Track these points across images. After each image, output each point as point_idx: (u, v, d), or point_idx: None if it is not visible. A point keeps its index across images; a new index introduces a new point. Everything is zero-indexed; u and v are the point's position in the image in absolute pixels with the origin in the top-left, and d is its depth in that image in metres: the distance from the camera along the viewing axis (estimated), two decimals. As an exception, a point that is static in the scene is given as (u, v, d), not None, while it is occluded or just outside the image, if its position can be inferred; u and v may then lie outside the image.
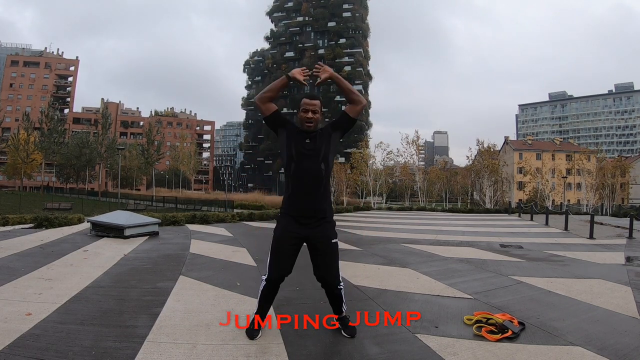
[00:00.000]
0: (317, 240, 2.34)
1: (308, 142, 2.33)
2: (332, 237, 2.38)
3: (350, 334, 2.42)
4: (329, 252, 2.36)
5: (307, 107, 2.34)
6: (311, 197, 2.31)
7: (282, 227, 2.36)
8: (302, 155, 2.31)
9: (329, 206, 2.41)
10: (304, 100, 2.37)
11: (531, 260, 5.36)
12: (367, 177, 35.70)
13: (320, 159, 2.32)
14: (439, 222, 14.11)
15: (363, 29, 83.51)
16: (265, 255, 2.40)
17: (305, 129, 2.35)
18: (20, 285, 3.43)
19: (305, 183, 2.30)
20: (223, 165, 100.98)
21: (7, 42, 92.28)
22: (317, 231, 2.33)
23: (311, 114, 2.33)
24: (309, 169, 2.30)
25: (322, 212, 2.35)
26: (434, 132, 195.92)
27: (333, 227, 2.42)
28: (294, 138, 2.34)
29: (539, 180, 40.90)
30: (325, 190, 2.37)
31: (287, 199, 2.37)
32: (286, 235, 2.34)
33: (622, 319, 2.84)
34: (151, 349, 2.17)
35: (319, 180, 2.31)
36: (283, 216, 2.39)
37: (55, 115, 55.37)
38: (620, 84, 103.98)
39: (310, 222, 2.32)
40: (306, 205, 2.31)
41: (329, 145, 2.36)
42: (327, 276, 2.39)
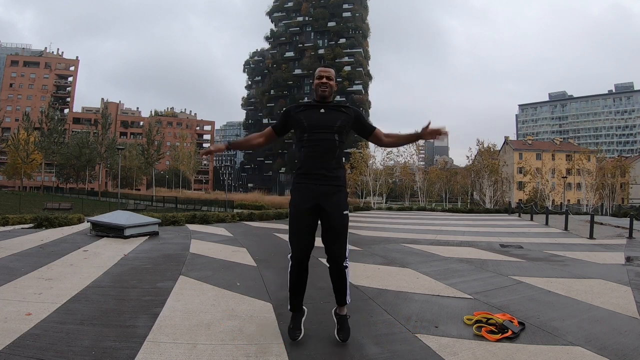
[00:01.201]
0: (329, 209, 2.28)
1: (323, 112, 2.34)
2: (344, 208, 2.34)
3: (343, 339, 2.32)
4: (339, 222, 2.30)
5: (321, 74, 2.40)
6: (324, 164, 2.29)
7: (296, 198, 2.34)
8: (315, 125, 2.31)
9: (342, 175, 2.38)
10: (319, 68, 2.45)
11: (531, 260, 5.36)
12: (367, 177, 35.72)
13: (334, 130, 2.31)
14: (439, 222, 14.11)
15: (363, 29, 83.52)
16: (264, 254, 2.41)
17: (319, 93, 2.38)
18: (20, 285, 3.43)
19: (318, 151, 2.29)
20: (223, 165, 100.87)
21: (7, 42, 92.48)
22: (330, 199, 2.29)
23: (325, 79, 2.37)
24: (322, 138, 2.29)
25: (336, 180, 2.32)
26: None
27: (345, 197, 2.39)
28: (306, 112, 2.36)
29: (539, 180, 40.92)
30: (338, 159, 2.35)
31: (300, 167, 2.35)
32: (301, 206, 2.30)
33: (622, 319, 2.84)
34: (151, 349, 2.17)
35: (332, 150, 2.30)
36: (295, 188, 2.36)
37: (55, 115, 55.38)
38: (620, 84, 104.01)
39: (323, 187, 2.28)
40: (319, 171, 2.29)
41: (344, 124, 2.36)
42: (334, 248, 2.30)
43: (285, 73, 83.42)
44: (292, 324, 2.37)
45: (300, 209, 2.31)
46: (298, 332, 2.33)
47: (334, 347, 2.30)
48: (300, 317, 2.39)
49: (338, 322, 2.40)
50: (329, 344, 2.34)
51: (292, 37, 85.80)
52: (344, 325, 2.37)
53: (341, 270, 2.33)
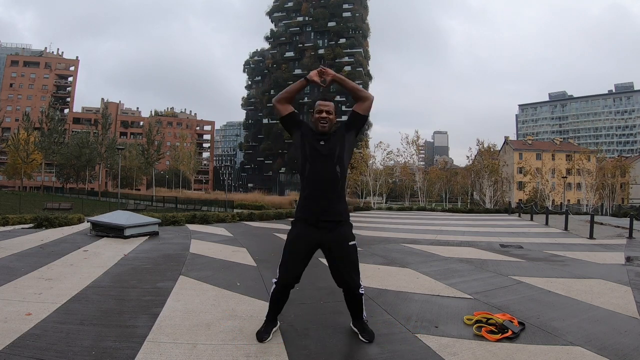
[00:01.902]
0: (333, 244, 2.31)
1: (322, 144, 2.33)
2: (350, 239, 2.36)
3: (368, 339, 2.35)
4: (347, 254, 2.33)
5: (321, 108, 2.38)
6: (326, 200, 2.29)
7: (296, 232, 2.36)
8: (316, 157, 2.31)
9: (344, 208, 2.39)
10: (318, 101, 2.42)
11: (531, 260, 5.36)
12: (367, 177, 35.71)
13: (335, 161, 2.31)
14: (439, 222, 14.11)
15: (363, 29, 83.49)
16: (264, 254, 2.41)
17: (319, 129, 2.36)
18: (20, 285, 3.43)
19: (320, 185, 2.30)
20: (223, 165, 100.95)
21: (7, 42, 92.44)
22: (333, 234, 2.31)
23: (325, 114, 2.36)
24: (324, 171, 2.30)
25: (338, 215, 2.33)
26: (434, 132, 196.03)
27: (350, 228, 2.40)
28: (308, 139, 2.35)
29: (539, 180, 40.91)
30: (340, 191, 2.37)
31: (302, 201, 2.36)
32: (301, 241, 2.32)
33: (622, 319, 2.84)
34: (151, 349, 2.17)
35: (334, 183, 2.31)
36: (298, 220, 2.37)
37: (56, 115, 55.31)
38: (620, 84, 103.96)
39: (326, 225, 2.29)
40: (321, 207, 2.29)
41: (344, 146, 2.36)
42: (348, 280, 2.32)
43: (285, 73, 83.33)
44: (263, 329, 2.40)
45: (299, 240, 2.33)
46: (266, 336, 2.36)
47: (334, 347, 2.30)
48: (272, 326, 2.43)
49: (359, 328, 2.43)
50: (329, 344, 2.34)
51: (292, 37, 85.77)
52: (366, 328, 2.42)
53: (357, 297, 2.38)
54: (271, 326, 2.42)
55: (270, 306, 2.43)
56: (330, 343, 2.35)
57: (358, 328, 2.44)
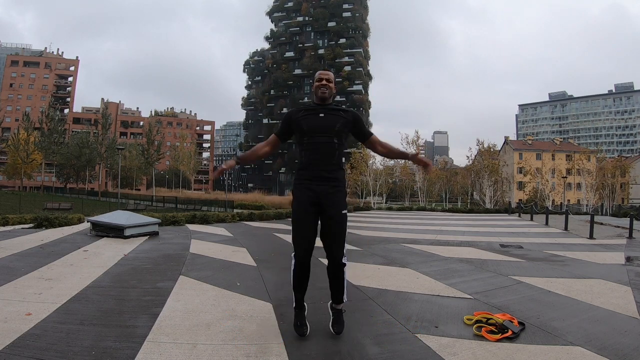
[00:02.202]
0: (328, 208, 2.36)
1: (322, 117, 2.40)
2: (343, 208, 2.42)
3: (337, 331, 2.40)
4: (338, 221, 2.38)
5: (321, 76, 2.47)
6: (324, 167, 2.37)
7: (296, 198, 2.42)
8: (315, 130, 2.38)
9: (341, 175, 2.46)
10: (319, 71, 2.52)
11: (531, 260, 5.36)
12: (367, 177, 35.72)
13: (333, 134, 2.38)
14: (439, 222, 14.11)
15: (363, 29, 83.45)
16: (264, 254, 2.41)
17: (319, 95, 2.44)
18: (20, 285, 3.43)
19: (318, 154, 2.37)
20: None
21: (7, 42, 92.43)
22: (329, 198, 2.36)
23: (325, 82, 2.44)
24: (322, 141, 2.37)
25: (335, 181, 2.40)
26: (434, 132, 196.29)
27: (344, 197, 2.48)
28: (306, 117, 2.41)
29: (539, 180, 40.91)
30: (338, 161, 2.43)
31: (300, 168, 2.44)
32: (302, 203, 2.38)
33: (622, 319, 2.84)
34: (151, 349, 2.17)
35: (331, 152, 2.38)
36: (297, 188, 2.43)
37: (56, 115, 55.30)
38: (620, 84, 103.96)
39: (322, 187, 2.36)
40: (319, 173, 2.37)
41: (343, 126, 2.42)
42: (333, 248, 2.37)
43: (285, 73, 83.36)
44: (298, 321, 2.43)
45: (303, 209, 2.38)
46: (305, 328, 2.40)
47: (334, 346, 2.30)
48: (304, 313, 2.47)
49: (333, 314, 2.48)
50: (329, 344, 2.34)
51: (292, 37, 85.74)
52: (339, 319, 2.45)
53: (340, 268, 2.40)
54: (303, 314, 2.45)
55: (295, 286, 2.42)
56: (330, 343, 2.35)
57: (332, 315, 2.47)
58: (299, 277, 2.41)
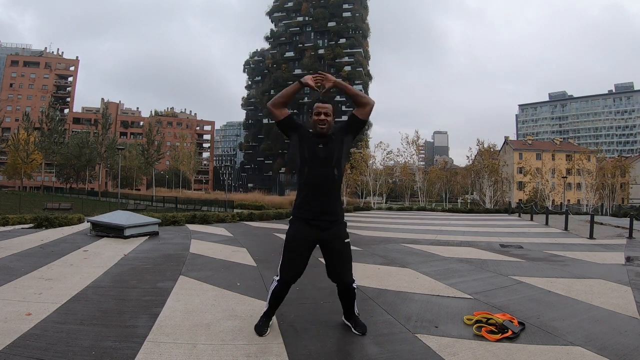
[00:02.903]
0: (330, 242, 2.40)
1: (321, 147, 2.38)
2: (345, 238, 2.46)
3: (362, 332, 2.46)
4: (343, 251, 2.42)
5: (319, 110, 2.42)
6: (323, 201, 2.38)
7: (294, 230, 2.42)
8: (315, 160, 2.37)
9: (340, 208, 2.49)
10: (317, 104, 2.46)
11: (531, 260, 5.36)
12: (367, 177, 35.69)
13: (332, 164, 2.38)
14: (439, 222, 14.11)
15: (363, 29, 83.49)
16: (264, 254, 2.42)
17: (318, 131, 2.42)
18: (20, 285, 3.43)
19: (318, 187, 2.37)
20: (223, 165, 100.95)
21: (7, 42, 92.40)
22: (329, 233, 2.40)
23: (323, 116, 2.40)
24: (322, 173, 2.36)
25: (334, 215, 2.42)
26: (434, 132, 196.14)
27: (344, 227, 2.50)
28: (307, 142, 2.40)
29: (539, 180, 40.88)
30: (337, 193, 2.45)
31: (300, 202, 2.43)
32: (299, 238, 2.39)
33: (622, 319, 2.84)
34: (151, 349, 2.17)
35: (331, 185, 2.39)
36: (295, 220, 2.44)
37: (56, 115, 55.25)
38: (620, 84, 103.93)
39: (323, 225, 2.38)
40: (318, 208, 2.37)
41: (342, 150, 2.43)
42: (342, 275, 2.42)
43: (285, 73, 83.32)
44: (262, 323, 2.48)
45: (298, 239, 2.39)
46: (266, 329, 2.45)
47: (334, 346, 2.30)
48: (269, 320, 2.51)
49: (352, 322, 2.53)
50: (329, 343, 2.34)
51: (292, 37, 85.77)
52: (359, 322, 2.52)
53: (351, 292, 2.45)
54: (269, 321, 2.50)
55: (271, 303, 2.48)
56: (330, 343, 2.35)
57: (351, 322, 2.53)
58: (278, 297, 2.45)
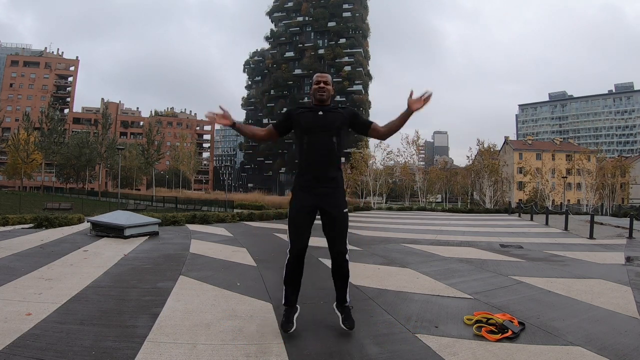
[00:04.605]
0: (329, 208, 2.43)
1: (321, 115, 2.45)
2: (343, 207, 2.48)
3: (349, 327, 2.44)
4: (341, 220, 2.45)
5: (319, 79, 2.52)
6: (323, 166, 2.43)
7: (296, 199, 2.47)
8: (314, 128, 2.43)
9: (340, 176, 2.51)
10: (316, 74, 2.58)
11: (531, 260, 5.36)
12: (367, 177, 35.69)
13: (332, 133, 2.43)
14: (439, 222, 14.11)
15: (363, 29, 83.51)
16: (264, 254, 2.42)
17: (318, 97, 2.49)
18: (20, 285, 3.43)
19: (317, 153, 2.41)
20: (223, 165, 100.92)
21: (7, 42, 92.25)
22: (329, 199, 2.43)
23: (323, 84, 2.49)
24: (321, 140, 2.42)
25: (334, 182, 2.46)
26: (434, 132, 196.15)
27: (344, 195, 2.54)
28: (306, 115, 2.47)
29: (539, 180, 40.90)
30: (336, 161, 2.49)
31: (300, 169, 2.50)
32: (301, 206, 2.44)
33: (622, 319, 2.84)
34: (151, 349, 2.17)
35: (331, 152, 2.43)
36: (296, 189, 2.49)
37: (55, 115, 55.28)
38: (620, 84, 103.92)
39: (323, 191, 2.41)
40: (318, 173, 2.42)
41: (342, 124, 2.48)
42: (337, 242, 2.44)
43: (285, 73, 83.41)
44: (285, 318, 2.45)
45: (301, 209, 2.44)
46: (290, 325, 2.41)
47: (334, 347, 2.30)
48: (293, 312, 2.48)
49: (342, 312, 2.51)
50: (329, 344, 2.34)
51: (292, 37, 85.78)
52: (349, 315, 2.50)
53: (343, 264, 2.47)
54: (292, 313, 2.47)
55: (287, 282, 2.47)
56: (330, 343, 2.35)
57: (341, 313, 2.50)
58: (292, 271, 2.47)
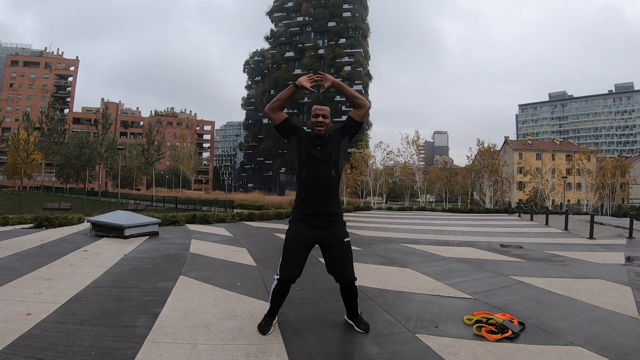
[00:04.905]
0: (329, 241, 2.43)
1: (319, 149, 2.42)
2: (344, 237, 2.49)
3: (365, 330, 2.49)
4: (343, 250, 2.45)
5: (317, 112, 2.45)
6: (322, 202, 2.41)
7: (294, 230, 2.45)
8: (313, 161, 2.40)
9: (338, 209, 2.53)
10: (315, 106, 2.52)
11: (531, 260, 5.36)
12: (367, 177, 35.68)
13: (330, 166, 2.41)
14: (439, 222, 14.11)
15: (363, 29, 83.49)
16: (264, 254, 2.42)
17: (316, 133, 2.45)
18: (20, 285, 3.43)
19: (316, 188, 2.40)
20: (223, 165, 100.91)
21: (7, 42, 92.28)
22: (328, 232, 2.43)
23: (321, 118, 2.43)
24: (320, 175, 2.39)
25: (333, 215, 2.46)
26: (434, 132, 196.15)
27: (344, 226, 2.53)
28: (305, 145, 2.43)
29: (539, 180, 40.88)
30: (335, 194, 2.48)
31: (299, 203, 2.46)
32: (298, 238, 2.42)
33: (622, 319, 2.84)
34: (151, 349, 2.17)
35: (329, 186, 2.42)
36: (295, 220, 2.47)
37: (55, 115, 55.24)
38: (620, 84, 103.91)
39: (322, 224, 2.41)
40: (317, 208, 2.41)
41: (339, 151, 2.45)
42: (342, 271, 2.45)
43: (285, 73, 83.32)
44: (264, 322, 2.50)
45: (297, 239, 2.42)
46: (268, 328, 2.46)
47: (334, 347, 2.30)
48: (273, 320, 2.53)
49: (354, 320, 2.56)
50: (329, 344, 2.34)
51: (292, 37, 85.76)
52: (362, 320, 2.55)
53: (352, 288, 2.49)
54: (272, 320, 2.52)
55: (272, 302, 2.50)
56: (330, 343, 2.35)
57: (354, 320, 2.56)
58: (280, 295, 2.48)
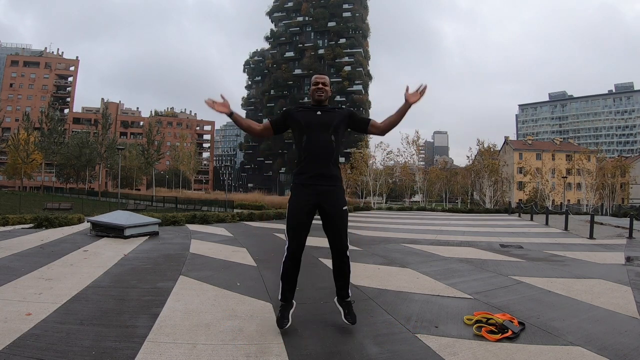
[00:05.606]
0: (328, 207, 2.46)
1: (319, 114, 2.50)
2: (343, 205, 2.51)
3: (351, 322, 2.48)
4: (340, 217, 2.48)
5: (317, 80, 2.58)
6: (322, 166, 2.45)
7: (295, 196, 2.49)
8: (313, 126, 2.47)
9: (338, 173, 2.55)
10: (314, 75, 2.63)
11: (531, 260, 5.36)
12: (367, 177, 35.71)
13: (330, 131, 2.47)
14: (439, 222, 14.11)
15: (363, 29, 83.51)
16: (264, 254, 2.42)
17: (316, 99, 2.55)
18: (20, 285, 3.43)
19: (317, 153, 2.45)
20: (223, 165, 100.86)
21: (7, 42, 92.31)
22: (329, 197, 2.46)
23: (321, 85, 2.55)
24: (320, 139, 2.45)
25: (333, 180, 2.49)
26: (434, 132, 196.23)
27: (343, 193, 2.57)
28: (304, 114, 2.51)
29: (539, 180, 40.91)
30: (336, 160, 2.52)
31: (300, 169, 2.51)
32: (300, 204, 2.46)
33: (622, 319, 2.83)
34: (151, 349, 2.16)
35: (329, 150, 2.47)
36: (295, 187, 2.51)
37: (55, 115, 55.28)
38: (620, 84, 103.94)
39: (321, 189, 2.44)
40: (317, 172, 2.45)
41: (340, 122, 2.52)
42: (337, 241, 2.48)
43: (285, 73, 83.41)
44: (280, 314, 2.47)
45: (299, 207, 2.46)
46: (286, 322, 2.44)
47: (334, 346, 2.30)
48: (289, 308, 2.50)
49: (344, 307, 2.54)
50: (329, 344, 2.34)
51: (292, 37, 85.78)
52: (351, 310, 2.53)
53: (344, 260, 2.52)
54: (288, 309, 2.49)
55: (282, 280, 2.49)
56: (330, 343, 2.35)
57: (343, 308, 2.54)
58: (289, 268, 2.49)
